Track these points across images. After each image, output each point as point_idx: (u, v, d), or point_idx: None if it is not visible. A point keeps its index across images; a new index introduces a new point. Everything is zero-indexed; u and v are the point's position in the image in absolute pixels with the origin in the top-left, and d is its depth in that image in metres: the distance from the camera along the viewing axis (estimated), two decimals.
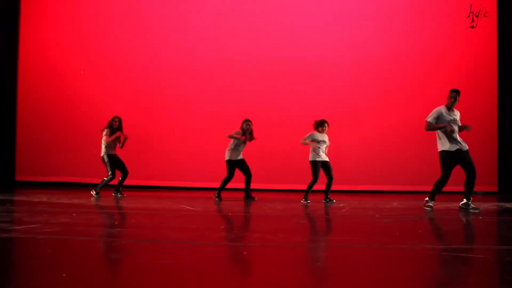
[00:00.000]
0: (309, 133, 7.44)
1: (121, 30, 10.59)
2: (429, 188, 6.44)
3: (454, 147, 6.16)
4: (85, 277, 2.78)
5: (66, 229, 4.08)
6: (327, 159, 7.42)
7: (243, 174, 7.85)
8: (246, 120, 7.81)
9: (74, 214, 5.45)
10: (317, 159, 7.33)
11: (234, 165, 7.76)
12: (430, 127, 6.28)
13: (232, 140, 7.74)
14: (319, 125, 7.43)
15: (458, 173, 6.42)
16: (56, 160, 9.90)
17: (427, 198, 6.43)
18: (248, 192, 7.82)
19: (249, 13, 10.39)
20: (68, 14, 10.80)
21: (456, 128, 6.19)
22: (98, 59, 10.59)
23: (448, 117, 6.18)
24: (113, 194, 7.96)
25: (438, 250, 3.64)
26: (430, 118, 6.28)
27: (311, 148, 7.39)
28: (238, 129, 7.78)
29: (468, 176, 6.16)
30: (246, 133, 7.72)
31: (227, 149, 7.80)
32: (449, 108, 6.23)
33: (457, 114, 6.31)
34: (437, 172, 6.39)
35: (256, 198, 7.75)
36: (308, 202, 7.24)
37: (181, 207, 6.35)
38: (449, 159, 6.17)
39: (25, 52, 10.64)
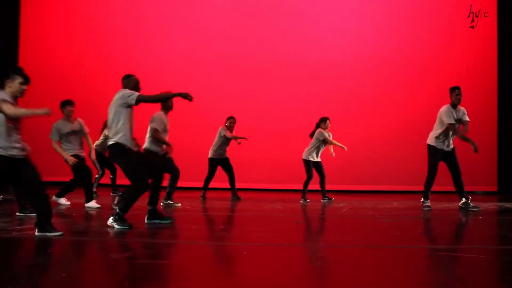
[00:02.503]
0: (325, 132, 7.42)
1: (121, 29, 10.59)
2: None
3: (440, 146, 6.20)
4: (85, 277, 2.78)
5: (66, 229, 4.08)
6: (319, 160, 7.47)
7: (226, 174, 7.77)
8: (230, 118, 7.74)
9: (74, 214, 5.45)
10: (310, 158, 7.40)
11: (216, 163, 7.68)
12: (457, 132, 6.14)
13: (217, 139, 7.66)
14: (322, 121, 7.49)
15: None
16: (56, 160, 9.85)
17: (422, 199, 6.44)
18: (234, 192, 7.75)
19: (253, 13, 10.39)
20: (68, 13, 10.79)
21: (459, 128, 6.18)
22: (98, 59, 10.57)
23: (455, 116, 6.16)
24: (111, 194, 7.97)
25: (438, 250, 3.64)
26: (450, 120, 6.08)
27: (309, 147, 7.42)
28: (223, 126, 7.70)
29: (453, 176, 6.21)
30: (230, 130, 7.67)
31: (211, 147, 7.75)
32: (455, 106, 6.18)
33: (461, 112, 6.21)
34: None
35: (242, 198, 7.68)
36: (307, 202, 7.25)
37: (181, 207, 6.34)
38: (435, 154, 6.23)
39: (25, 52, 10.64)
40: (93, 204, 6.00)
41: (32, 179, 3.85)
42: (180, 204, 6.45)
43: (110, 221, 4.35)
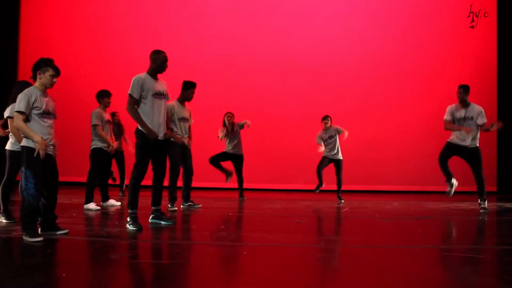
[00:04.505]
0: (318, 133, 7.54)
1: (122, 29, 10.59)
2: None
3: (453, 140, 6.19)
4: (85, 277, 2.78)
5: (66, 228, 4.08)
6: (334, 157, 7.48)
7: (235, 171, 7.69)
8: (228, 113, 7.71)
9: (74, 214, 5.45)
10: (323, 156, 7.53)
11: (228, 157, 7.63)
12: (448, 127, 6.22)
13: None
14: (322, 121, 7.53)
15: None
16: (56, 159, 9.86)
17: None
18: (241, 192, 7.71)
19: (257, 12, 10.39)
20: (68, 13, 10.79)
21: (470, 128, 6.08)
22: (98, 59, 10.58)
23: (457, 115, 6.16)
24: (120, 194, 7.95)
25: (438, 250, 3.65)
26: (446, 116, 6.26)
27: None
28: (221, 125, 7.70)
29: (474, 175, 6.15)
30: (228, 125, 7.65)
31: None
32: (462, 105, 6.17)
33: (471, 111, 6.12)
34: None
35: (232, 174, 7.60)
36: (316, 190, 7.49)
37: (181, 206, 6.34)
38: (445, 148, 6.24)
39: (25, 52, 10.64)
40: (93, 206, 5.96)
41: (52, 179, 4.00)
42: (200, 205, 6.44)
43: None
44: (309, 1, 10.45)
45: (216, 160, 7.60)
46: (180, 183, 6.22)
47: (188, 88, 6.08)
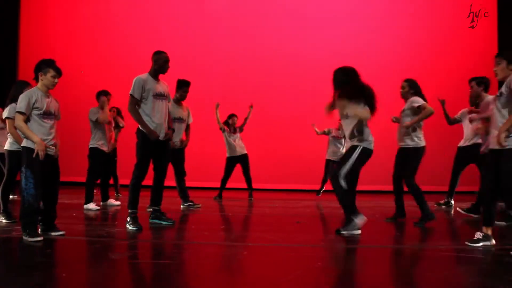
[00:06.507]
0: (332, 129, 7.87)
1: (122, 29, 10.59)
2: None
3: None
4: (85, 277, 2.78)
5: (66, 229, 4.08)
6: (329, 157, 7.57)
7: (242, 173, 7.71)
8: (232, 115, 7.74)
9: (74, 214, 5.45)
10: (327, 157, 7.58)
11: (230, 161, 7.65)
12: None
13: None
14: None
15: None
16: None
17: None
18: (250, 192, 7.74)
19: (260, 13, 10.40)
20: (68, 14, 10.79)
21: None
22: (98, 59, 10.58)
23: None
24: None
25: (438, 250, 3.65)
26: None
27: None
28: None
29: None
30: (232, 127, 7.66)
31: None
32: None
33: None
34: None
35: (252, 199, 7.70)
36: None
37: (181, 207, 6.35)
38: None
39: (25, 52, 10.64)
40: (93, 206, 5.95)
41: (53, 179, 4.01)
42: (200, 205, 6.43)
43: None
44: (310, 2, 10.45)
45: (225, 180, 7.63)
46: (174, 184, 6.25)
47: (181, 87, 6.08)
